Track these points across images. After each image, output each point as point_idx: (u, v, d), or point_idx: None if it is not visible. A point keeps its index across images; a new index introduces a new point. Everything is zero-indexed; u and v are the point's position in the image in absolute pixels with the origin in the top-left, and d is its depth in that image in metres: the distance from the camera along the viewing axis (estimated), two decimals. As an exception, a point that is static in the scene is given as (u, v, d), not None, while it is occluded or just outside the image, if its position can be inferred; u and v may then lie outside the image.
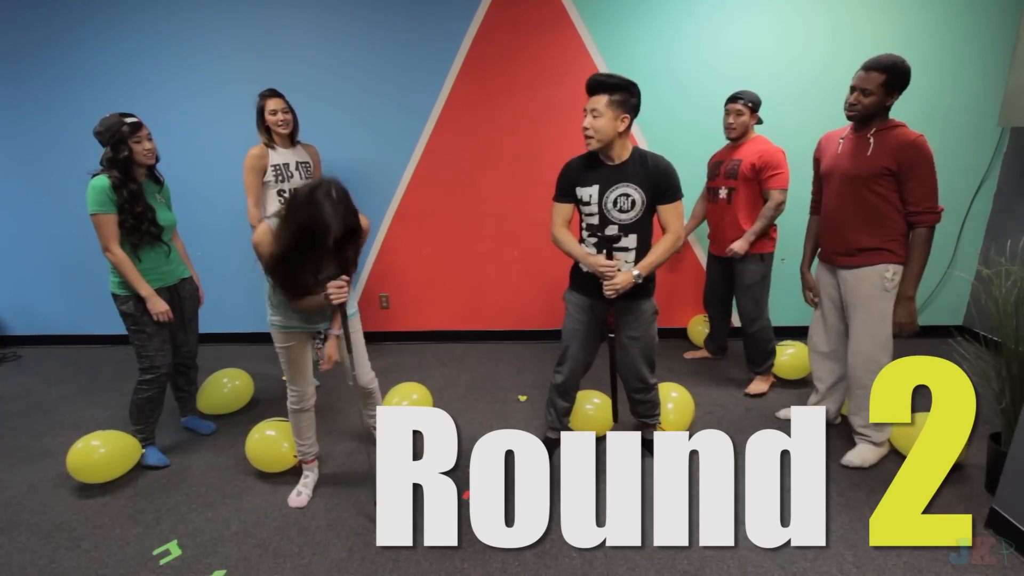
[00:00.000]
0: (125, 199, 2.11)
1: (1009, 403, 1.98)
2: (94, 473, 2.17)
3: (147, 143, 2.15)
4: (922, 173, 1.93)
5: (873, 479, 2.14)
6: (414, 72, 3.31)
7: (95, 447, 2.18)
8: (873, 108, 1.98)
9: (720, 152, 2.88)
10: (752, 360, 2.94)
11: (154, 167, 2.27)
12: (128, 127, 2.09)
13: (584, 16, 3.21)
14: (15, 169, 3.53)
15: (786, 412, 2.62)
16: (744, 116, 2.67)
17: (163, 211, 2.29)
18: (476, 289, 3.68)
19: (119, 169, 2.10)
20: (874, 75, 1.95)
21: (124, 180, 2.11)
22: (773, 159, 2.64)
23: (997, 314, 2.03)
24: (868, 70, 1.97)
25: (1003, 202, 3.37)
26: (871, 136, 2.02)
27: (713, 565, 1.74)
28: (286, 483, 2.19)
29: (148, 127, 2.19)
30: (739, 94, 2.68)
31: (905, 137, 1.95)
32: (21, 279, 3.75)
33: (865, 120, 2.04)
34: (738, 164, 2.71)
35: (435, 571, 1.74)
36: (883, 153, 1.98)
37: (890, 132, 1.99)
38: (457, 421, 2.64)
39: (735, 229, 2.76)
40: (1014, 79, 2.88)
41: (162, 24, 3.25)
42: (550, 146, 3.41)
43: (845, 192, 2.11)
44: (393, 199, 3.54)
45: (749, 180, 2.69)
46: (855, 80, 2.01)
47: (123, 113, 2.13)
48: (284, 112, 2.66)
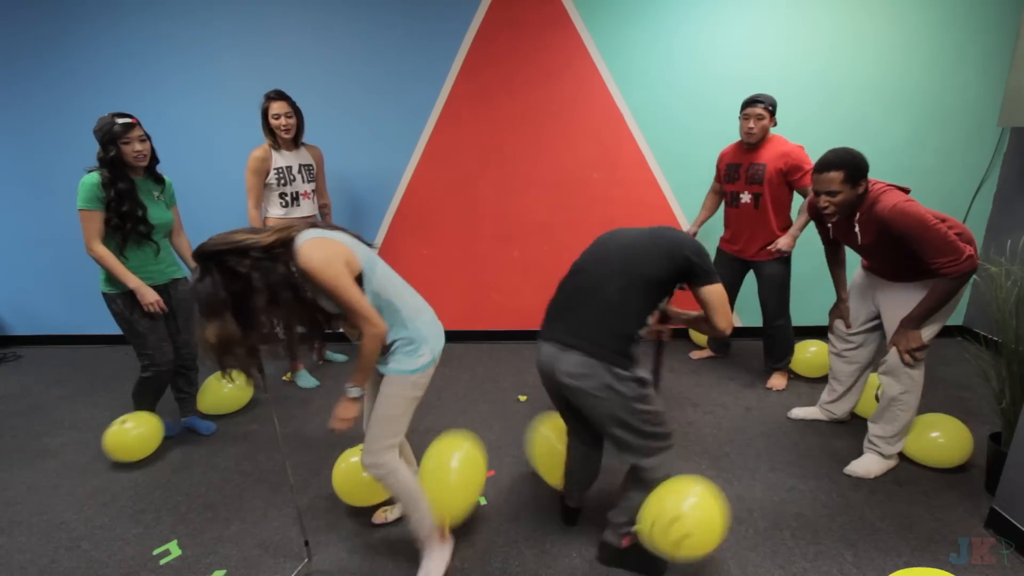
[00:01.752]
0: (112, 197, 2.13)
1: (1009, 403, 1.98)
2: (131, 452, 2.33)
3: (137, 144, 2.14)
4: (916, 239, 1.82)
5: (873, 479, 2.15)
6: (414, 72, 3.31)
7: (128, 428, 2.34)
8: (847, 204, 1.92)
9: (734, 154, 2.83)
10: (772, 356, 2.97)
11: (152, 166, 2.27)
12: (119, 127, 2.10)
13: (584, 16, 3.21)
14: (15, 169, 3.52)
15: (798, 412, 2.62)
16: (765, 120, 2.63)
17: (158, 210, 2.28)
18: (476, 289, 3.68)
19: (108, 167, 2.13)
20: (832, 175, 1.87)
21: (113, 178, 2.12)
22: (798, 158, 2.62)
23: (997, 314, 2.03)
24: (822, 171, 1.90)
25: (1003, 202, 3.37)
26: (856, 223, 1.98)
27: (713, 565, 1.74)
28: (286, 483, 2.19)
29: (147, 127, 2.20)
30: (759, 97, 2.63)
31: (882, 214, 1.86)
32: (21, 279, 3.75)
33: (846, 215, 1.99)
34: (762, 169, 2.67)
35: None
36: (871, 232, 1.94)
37: (870, 212, 1.91)
38: (457, 421, 2.66)
39: (766, 232, 2.77)
40: (1014, 79, 2.88)
41: (162, 24, 3.24)
42: (550, 146, 3.41)
43: (870, 256, 2.11)
44: (393, 199, 3.54)
45: (775, 183, 2.68)
46: (815, 184, 1.94)
47: (119, 113, 2.13)
48: (287, 116, 2.66)
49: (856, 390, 2.44)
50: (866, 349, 2.32)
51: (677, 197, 3.46)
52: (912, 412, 2.10)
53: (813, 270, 3.45)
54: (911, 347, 1.99)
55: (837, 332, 2.39)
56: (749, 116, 2.64)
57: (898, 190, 1.91)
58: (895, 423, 2.11)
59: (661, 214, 3.49)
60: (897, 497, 2.03)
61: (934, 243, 1.81)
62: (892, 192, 1.90)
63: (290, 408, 2.82)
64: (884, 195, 1.89)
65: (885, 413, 2.13)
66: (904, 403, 2.07)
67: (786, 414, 2.65)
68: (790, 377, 3.00)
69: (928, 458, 2.17)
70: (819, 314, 3.56)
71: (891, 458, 2.18)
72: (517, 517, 1.98)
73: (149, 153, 2.21)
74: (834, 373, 2.46)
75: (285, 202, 2.77)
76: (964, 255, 1.81)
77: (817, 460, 2.28)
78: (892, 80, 3.23)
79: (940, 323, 2.02)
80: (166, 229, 2.35)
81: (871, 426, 2.20)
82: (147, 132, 2.20)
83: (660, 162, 3.41)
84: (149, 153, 2.21)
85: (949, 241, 1.81)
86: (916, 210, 1.83)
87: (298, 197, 2.80)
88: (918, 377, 2.05)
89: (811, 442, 2.42)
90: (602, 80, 3.29)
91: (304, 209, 2.84)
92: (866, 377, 2.42)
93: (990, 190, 3.41)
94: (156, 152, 2.27)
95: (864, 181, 1.90)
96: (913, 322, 1.98)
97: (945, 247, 1.80)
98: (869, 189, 1.92)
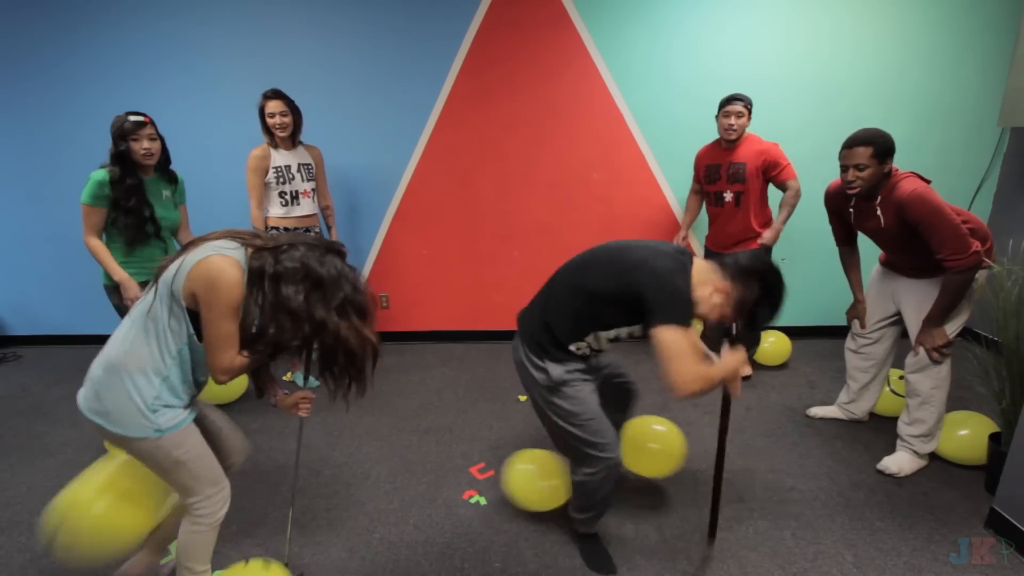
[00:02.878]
0: (120, 194, 2.16)
1: (1009, 403, 1.98)
2: None
3: (146, 142, 2.16)
4: (928, 226, 1.85)
5: (873, 479, 2.14)
6: (414, 72, 3.31)
7: None
8: (873, 180, 1.95)
9: (712, 154, 2.88)
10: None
11: (165, 164, 2.31)
12: (130, 124, 2.13)
13: (584, 16, 3.21)
14: (15, 169, 3.52)
15: (817, 411, 2.63)
16: (744, 118, 2.69)
17: (165, 209, 2.31)
18: (476, 289, 3.68)
19: (118, 163, 2.15)
20: (860, 150, 1.92)
21: (122, 175, 2.15)
22: (776, 155, 2.70)
23: (998, 314, 2.03)
24: (852, 146, 1.94)
25: (1003, 202, 3.36)
26: (877, 206, 2.00)
27: (713, 565, 1.74)
28: (285, 484, 2.19)
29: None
30: (737, 96, 2.68)
31: (900, 197, 1.90)
32: (21, 279, 3.75)
33: (870, 192, 2.00)
34: (742, 167, 2.72)
35: (435, 571, 1.74)
36: (892, 218, 1.96)
37: (891, 195, 1.94)
38: (457, 421, 2.66)
39: (747, 229, 2.82)
40: (1014, 79, 2.88)
41: (162, 24, 3.24)
42: (550, 146, 3.41)
43: (889, 245, 2.12)
44: (393, 199, 3.54)
45: (755, 180, 2.73)
46: (844, 158, 1.98)
47: (134, 112, 2.17)
48: (283, 115, 2.66)
49: (874, 388, 2.44)
50: (883, 345, 2.33)
51: (677, 197, 3.46)
52: (942, 408, 2.11)
53: (814, 269, 3.46)
54: (937, 344, 2.00)
55: (854, 330, 2.41)
56: (730, 114, 2.69)
57: (920, 179, 1.94)
58: (927, 421, 2.11)
59: (661, 214, 3.49)
60: (897, 497, 2.03)
61: (943, 234, 1.83)
62: (913, 178, 1.94)
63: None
64: (905, 180, 1.93)
65: (916, 412, 2.13)
66: (935, 399, 2.08)
67: (786, 414, 2.65)
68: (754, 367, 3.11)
69: (959, 456, 2.18)
70: (819, 314, 3.58)
71: (923, 457, 2.18)
72: (517, 517, 1.98)
73: (158, 152, 2.23)
74: (850, 372, 2.46)
75: (285, 201, 2.77)
76: (970, 250, 1.83)
77: (817, 460, 2.28)
78: (892, 80, 3.23)
79: (963, 318, 2.04)
80: (172, 228, 2.38)
81: (904, 426, 2.19)
82: (160, 133, 2.23)
83: (660, 162, 3.41)
84: (158, 152, 2.23)
85: (959, 235, 1.83)
86: (933, 198, 1.85)
87: (298, 196, 2.80)
88: (945, 372, 2.06)
89: (811, 442, 2.42)
90: (602, 80, 3.29)
91: (304, 208, 2.84)
92: (884, 375, 2.42)
93: (990, 190, 3.41)
94: (169, 152, 2.30)
95: (890, 160, 1.94)
96: (934, 320, 2.00)
97: (952, 240, 1.83)
98: (892, 173, 1.96)
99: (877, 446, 2.35)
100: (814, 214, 2.73)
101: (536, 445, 2.39)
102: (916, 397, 2.11)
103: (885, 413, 2.52)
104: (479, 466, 2.29)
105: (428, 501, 2.08)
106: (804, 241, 3.35)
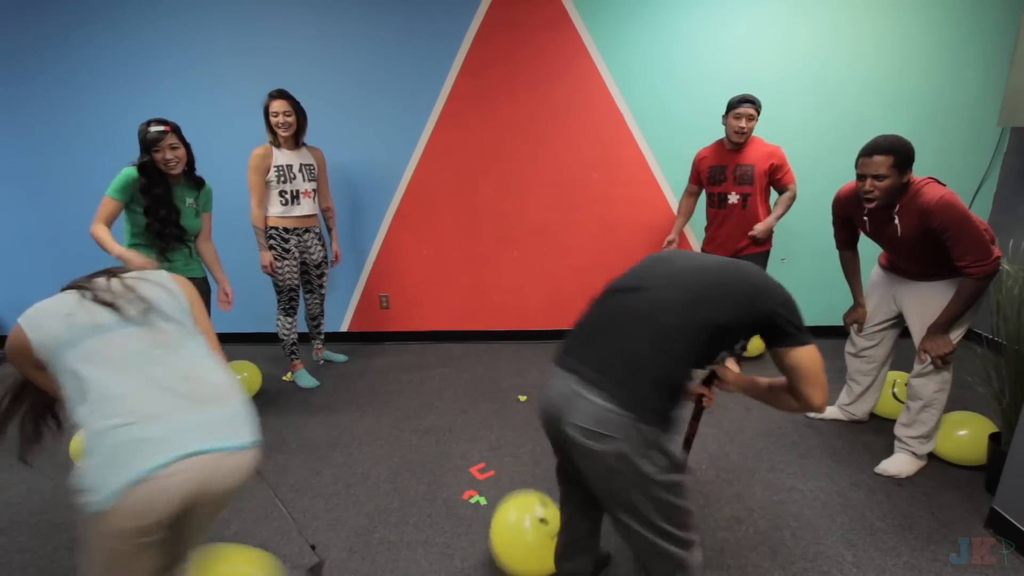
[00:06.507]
0: (149, 203, 2.20)
1: (1009, 403, 1.98)
2: None
3: (168, 152, 2.19)
4: (955, 233, 1.80)
5: (873, 479, 2.14)
6: (414, 72, 3.31)
7: None
8: (891, 190, 1.87)
9: (715, 155, 2.83)
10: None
11: (190, 171, 2.33)
12: (152, 136, 2.16)
13: (584, 16, 3.21)
14: (15, 169, 3.52)
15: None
16: (754, 120, 2.65)
17: (187, 217, 2.34)
18: (476, 289, 3.68)
19: (142, 174, 2.18)
20: (880, 159, 1.83)
21: (149, 184, 2.19)
22: (782, 158, 2.71)
23: (1000, 314, 2.03)
24: (872, 154, 1.85)
25: (1003, 202, 3.37)
26: (895, 214, 1.94)
27: (713, 565, 1.74)
28: (285, 484, 2.19)
29: None
30: (748, 98, 2.63)
31: (926, 204, 1.82)
32: (21, 279, 3.75)
33: (888, 203, 1.94)
34: (751, 169, 2.70)
35: (435, 571, 1.74)
36: (911, 226, 1.91)
37: (912, 203, 1.88)
38: (457, 421, 2.66)
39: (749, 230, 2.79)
40: (1014, 79, 2.88)
41: (161, 24, 3.24)
42: (550, 146, 3.41)
43: (901, 252, 2.08)
44: (393, 199, 3.54)
45: (762, 182, 2.73)
46: (862, 167, 1.89)
47: (156, 120, 2.19)
48: (286, 115, 2.67)
49: (874, 390, 2.44)
50: (883, 347, 2.33)
51: (677, 197, 3.45)
52: (942, 410, 2.11)
53: (813, 270, 3.47)
54: (941, 352, 1.99)
55: (854, 332, 2.40)
56: (741, 115, 2.64)
57: (940, 184, 1.91)
58: (928, 423, 2.11)
59: (661, 214, 3.49)
60: (897, 497, 2.03)
61: (969, 241, 1.81)
62: (936, 185, 1.89)
63: (290, 408, 2.83)
64: (927, 187, 1.88)
65: (918, 415, 2.12)
66: (937, 402, 2.08)
67: (785, 414, 2.65)
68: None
69: (959, 456, 2.18)
70: (819, 314, 3.58)
71: (922, 458, 2.18)
72: (517, 517, 1.98)
73: (183, 160, 2.26)
74: (851, 373, 2.46)
75: (285, 200, 2.78)
76: (992, 256, 1.83)
77: (817, 460, 2.28)
78: (892, 80, 3.23)
79: (966, 325, 2.02)
80: (193, 234, 2.42)
81: (902, 428, 2.18)
82: (184, 139, 2.25)
83: (660, 162, 3.41)
84: (183, 160, 2.26)
85: (984, 241, 1.82)
86: (961, 205, 1.82)
87: (298, 195, 2.80)
88: (948, 376, 2.06)
89: (811, 442, 2.42)
90: (602, 80, 3.29)
91: (304, 208, 2.84)
92: (884, 376, 2.42)
93: (990, 190, 3.41)
94: (193, 156, 2.32)
95: (910, 170, 1.88)
96: (941, 328, 1.98)
97: (978, 247, 1.82)
98: (911, 181, 1.91)
99: (877, 446, 2.35)
100: (814, 215, 2.76)
101: (536, 445, 2.41)
102: (918, 400, 2.11)
103: (885, 414, 2.53)
104: (479, 466, 2.29)
105: (428, 501, 2.08)
106: (803, 242, 3.36)
